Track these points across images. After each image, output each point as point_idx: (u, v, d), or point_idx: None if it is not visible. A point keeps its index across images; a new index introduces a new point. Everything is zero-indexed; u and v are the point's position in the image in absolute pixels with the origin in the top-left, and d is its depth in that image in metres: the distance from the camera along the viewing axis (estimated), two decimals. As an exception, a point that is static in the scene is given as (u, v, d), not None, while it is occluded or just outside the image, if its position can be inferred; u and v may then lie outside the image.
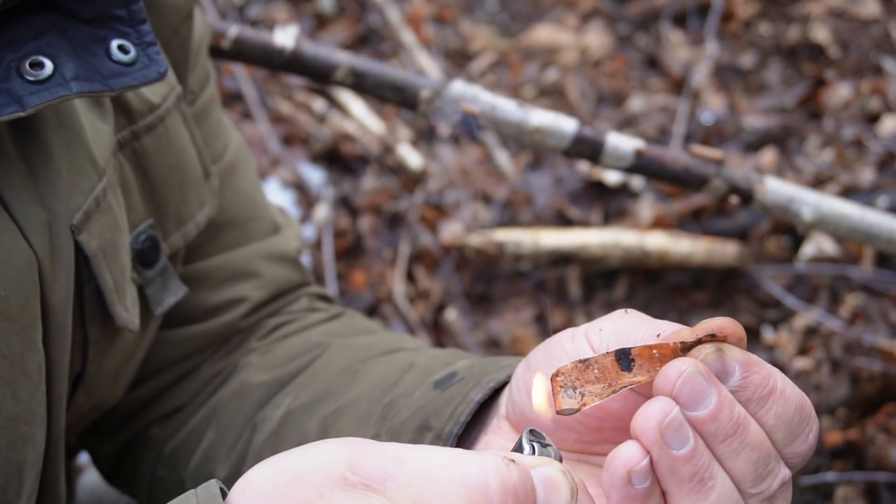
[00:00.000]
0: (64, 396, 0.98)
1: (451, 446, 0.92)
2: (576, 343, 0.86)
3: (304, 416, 1.09)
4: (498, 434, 0.92)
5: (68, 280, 0.95)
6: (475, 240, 2.64)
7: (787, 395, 0.78)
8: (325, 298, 1.32)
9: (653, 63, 3.38)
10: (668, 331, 0.81)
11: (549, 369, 0.86)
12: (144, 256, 1.07)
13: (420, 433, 0.95)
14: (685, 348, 0.78)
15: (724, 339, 0.79)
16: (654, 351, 0.78)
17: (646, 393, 0.82)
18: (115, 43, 0.95)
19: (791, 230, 2.66)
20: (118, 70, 0.95)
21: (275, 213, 1.29)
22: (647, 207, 2.79)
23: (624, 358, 0.78)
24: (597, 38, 3.42)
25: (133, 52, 0.96)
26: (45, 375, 0.95)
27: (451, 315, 2.61)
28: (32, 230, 0.92)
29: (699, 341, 0.78)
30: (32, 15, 0.92)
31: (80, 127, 0.97)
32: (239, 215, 1.24)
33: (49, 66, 0.90)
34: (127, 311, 1.02)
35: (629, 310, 0.85)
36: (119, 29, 0.95)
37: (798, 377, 2.36)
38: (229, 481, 1.11)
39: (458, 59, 3.38)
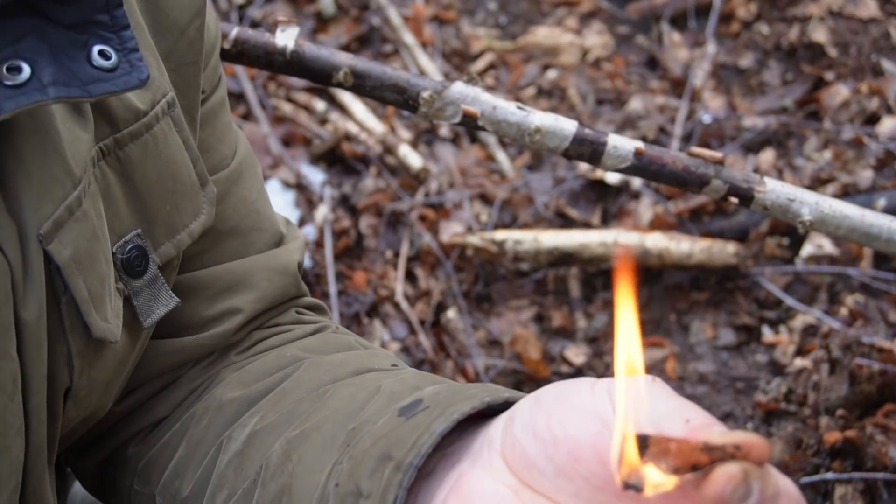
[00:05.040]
0: (43, 408, 0.96)
1: (412, 477, 0.89)
2: (596, 397, 0.83)
3: (268, 438, 1.06)
4: (488, 470, 0.87)
5: (40, 290, 0.93)
6: (475, 240, 2.64)
7: (790, 492, 0.77)
8: (317, 309, 1.29)
9: (653, 63, 3.39)
10: (697, 419, 0.78)
11: (562, 416, 0.83)
12: (131, 266, 1.05)
13: (381, 462, 0.92)
14: (707, 448, 0.75)
15: (747, 454, 0.75)
16: (672, 444, 0.75)
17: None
18: (96, 48, 0.92)
19: (790, 230, 2.66)
20: (98, 76, 0.92)
21: (279, 225, 1.26)
22: (646, 207, 2.80)
23: (641, 442, 0.75)
24: (597, 39, 3.42)
25: (114, 58, 0.93)
26: (20, 386, 0.92)
27: (452, 315, 2.62)
28: (6, 239, 0.90)
29: (724, 448, 0.75)
30: (11, 18, 0.89)
31: (55, 134, 0.94)
32: (241, 225, 1.21)
33: (27, 70, 0.88)
34: (106, 322, 0.99)
35: (655, 378, 0.82)
36: (101, 34, 0.93)
37: (797, 377, 2.37)
38: (192, 498, 1.09)
39: (458, 60, 3.38)
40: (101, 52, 0.93)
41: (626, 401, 0.77)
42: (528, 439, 0.85)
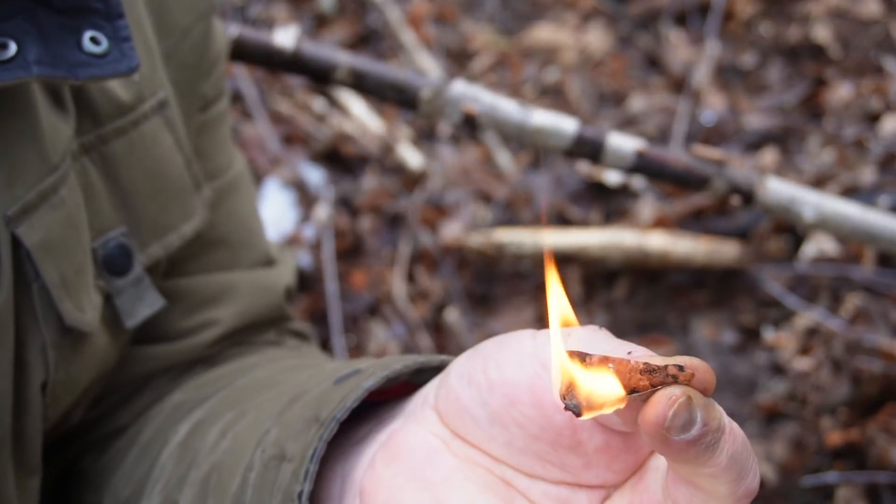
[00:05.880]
0: (8, 395, 0.94)
1: (332, 430, 0.86)
2: (537, 343, 0.79)
3: (208, 425, 1.04)
4: (422, 424, 0.83)
5: (7, 274, 0.92)
6: (475, 240, 2.63)
7: (735, 432, 0.71)
8: (301, 336, 1.27)
9: (653, 63, 3.38)
10: (639, 351, 0.73)
11: (499, 359, 0.79)
12: (112, 263, 1.03)
13: (308, 424, 0.89)
14: (647, 370, 0.69)
15: (691, 377, 0.70)
16: (610, 364, 0.70)
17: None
18: (87, 34, 0.92)
19: (791, 230, 2.65)
20: (86, 60, 0.92)
21: (270, 247, 1.24)
22: (647, 207, 2.79)
23: (581, 361, 0.70)
24: (597, 38, 3.41)
25: (105, 44, 0.93)
26: None
27: (452, 315, 2.61)
28: None
29: (666, 368, 0.70)
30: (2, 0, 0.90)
31: (35, 121, 0.94)
32: (230, 237, 1.19)
33: (13, 47, 0.88)
34: (80, 312, 0.98)
35: (602, 328, 0.78)
36: (94, 21, 0.93)
37: (799, 377, 2.36)
38: (133, 497, 1.06)
39: (458, 59, 3.37)
40: (92, 39, 0.92)
41: (567, 341, 0.72)
42: (462, 386, 0.81)
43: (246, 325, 1.18)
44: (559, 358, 0.70)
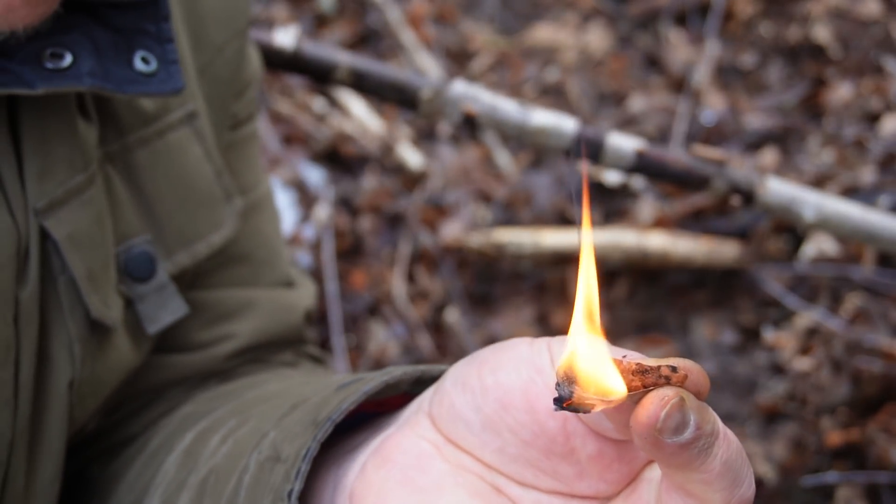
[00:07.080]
0: (29, 386, 0.95)
1: (327, 431, 0.86)
2: (534, 351, 0.79)
3: (211, 433, 1.04)
4: (414, 430, 0.84)
5: (35, 265, 0.94)
6: (475, 240, 2.63)
7: (730, 438, 0.70)
8: (315, 360, 1.28)
9: (653, 63, 3.38)
10: (634, 355, 0.73)
11: (494, 365, 0.79)
12: (134, 269, 1.04)
13: (306, 428, 0.89)
14: (640, 371, 0.69)
15: (683, 378, 0.69)
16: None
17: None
18: (139, 54, 0.97)
19: (791, 230, 2.65)
20: (135, 78, 0.97)
21: (291, 270, 1.26)
22: (647, 207, 2.79)
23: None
24: (597, 38, 3.41)
25: (154, 65, 0.98)
26: (13, 356, 0.93)
27: (452, 315, 2.61)
28: (17, 208, 0.93)
29: (658, 369, 0.69)
30: (64, 14, 0.94)
31: (73, 124, 0.98)
32: (254, 254, 1.20)
33: (69, 58, 0.93)
34: (106, 306, 0.99)
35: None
36: (145, 43, 0.98)
37: (799, 378, 2.36)
38: (136, 503, 1.07)
39: (458, 59, 3.38)
40: (143, 59, 0.98)
41: (569, 345, 0.72)
42: (457, 391, 0.81)
43: (263, 341, 1.19)
44: (569, 350, 0.70)
